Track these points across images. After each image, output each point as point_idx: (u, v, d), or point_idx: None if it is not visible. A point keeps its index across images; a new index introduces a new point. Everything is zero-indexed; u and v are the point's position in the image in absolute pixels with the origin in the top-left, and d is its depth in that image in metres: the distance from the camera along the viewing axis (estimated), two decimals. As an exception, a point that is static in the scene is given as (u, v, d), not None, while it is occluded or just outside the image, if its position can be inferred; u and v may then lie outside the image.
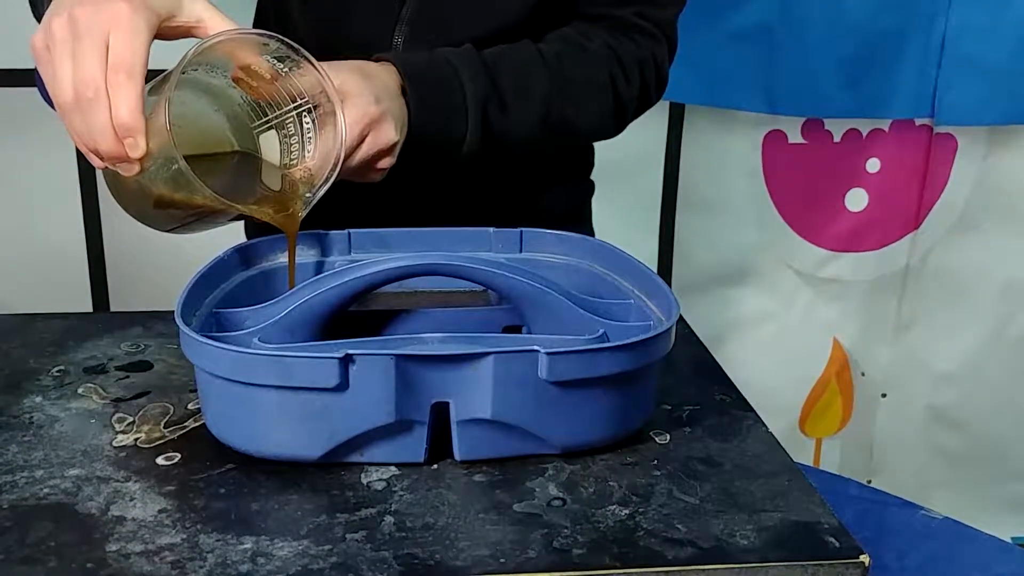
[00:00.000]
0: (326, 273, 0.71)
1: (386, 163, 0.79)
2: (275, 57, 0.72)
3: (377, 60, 0.82)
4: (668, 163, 1.75)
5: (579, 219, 1.08)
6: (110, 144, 0.65)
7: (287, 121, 0.74)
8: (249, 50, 0.71)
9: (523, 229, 0.81)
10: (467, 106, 0.84)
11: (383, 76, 0.80)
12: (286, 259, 0.78)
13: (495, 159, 0.89)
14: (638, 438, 0.67)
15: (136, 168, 0.67)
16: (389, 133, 0.77)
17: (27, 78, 1.62)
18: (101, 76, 0.64)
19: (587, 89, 0.91)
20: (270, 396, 0.60)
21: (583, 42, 0.91)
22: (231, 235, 0.89)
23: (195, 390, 0.70)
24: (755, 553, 0.56)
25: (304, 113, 0.74)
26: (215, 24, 0.69)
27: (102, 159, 0.67)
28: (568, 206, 1.05)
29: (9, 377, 0.75)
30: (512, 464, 0.63)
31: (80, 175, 1.68)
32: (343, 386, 0.59)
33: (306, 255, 0.78)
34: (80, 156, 1.65)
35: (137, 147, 0.65)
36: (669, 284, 0.72)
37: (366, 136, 0.76)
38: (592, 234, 1.06)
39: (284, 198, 0.74)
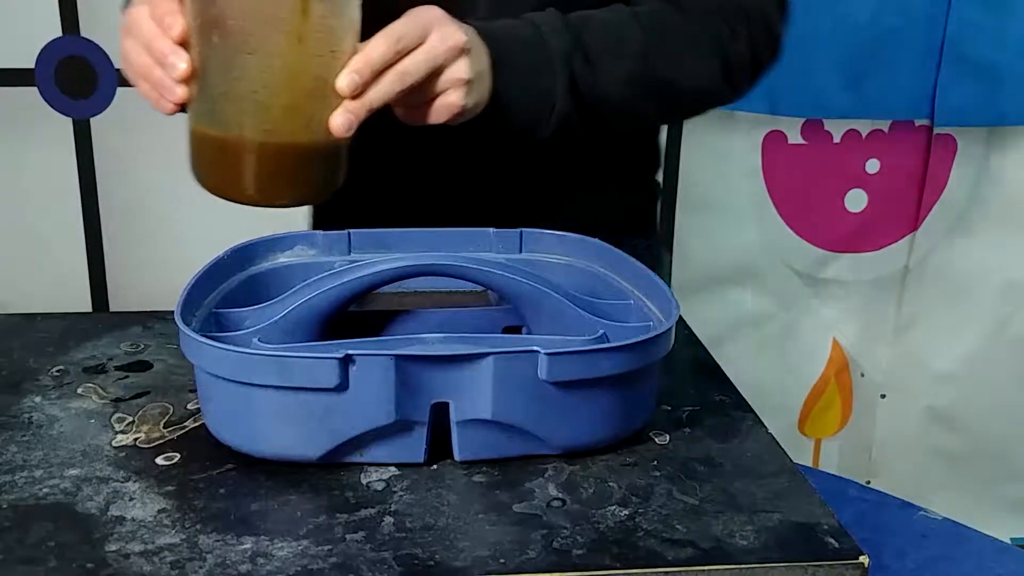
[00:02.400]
0: (326, 273, 0.71)
1: (463, 71, 0.71)
2: None
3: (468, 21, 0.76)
4: (668, 163, 1.75)
5: (643, 225, 1.01)
6: (154, 37, 0.68)
7: None
8: None
9: (523, 229, 0.81)
10: (552, 60, 0.78)
11: (462, 23, 0.74)
12: (286, 259, 0.78)
13: (592, 126, 0.82)
14: (638, 439, 0.67)
15: (180, 57, 0.67)
16: (456, 35, 0.70)
17: (27, 78, 1.62)
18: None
19: (687, 43, 0.84)
20: (270, 396, 0.60)
21: None
22: (231, 235, 0.88)
23: (195, 390, 0.70)
24: (755, 554, 0.56)
25: None
26: None
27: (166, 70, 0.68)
28: (631, 210, 1.00)
29: (9, 377, 0.75)
30: (512, 465, 0.63)
31: (79, 175, 1.68)
32: (343, 386, 0.59)
33: (306, 255, 0.78)
34: (80, 156, 1.65)
35: (175, 25, 0.67)
36: (668, 284, 0.72)
37: (429, 33, 0.69)
38: (659, 244, 1.01)
39: None
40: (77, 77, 1.62)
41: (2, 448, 0.65)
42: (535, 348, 0.60)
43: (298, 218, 1.67)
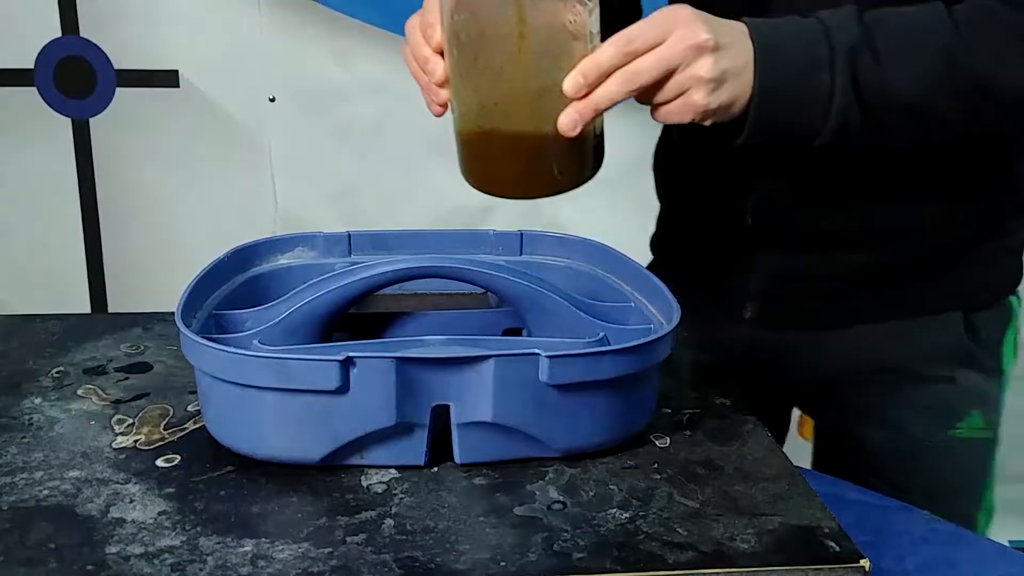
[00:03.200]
0: (326, 275, 0.71)
1: (705, 71, 0.69)
2: None
3: (744, 20, 0.74)
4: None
5: (990, 233, 0.92)
6: (418, 45, 0.75)
7: None
8: None
9: (523, 231, 0.81)
10: (834, 54, 0.72)
11: (728, 21, 0.72)
12: (286, 261, 0.78)
13: (884, 131, 0.76)
14: (638, 441, 0.67)
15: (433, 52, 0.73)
16: (697, 34, 0.68)
17: (26, 78, 1.62)
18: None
19: (1012, 36, 0.74)
20: (270, 398, 0.60)
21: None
22: (231, 236, 0.88)
23: (195, 392, 0.70)
24: (755, 557, 0.56)
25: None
26: None
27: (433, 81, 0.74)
28: (975, 217, 0.90)
29: (8, 378, 0.75)
30: (512, 467, 0.63)
31: (78, 175, 1.68)
32: (344, 388, 0.59)
33: (306, 256, 0.78)
34: (79, 156, 1.65)
35: (434, 35, 0.73)
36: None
37: (670, 34, 0.68)
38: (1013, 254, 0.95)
39: None
40: (76, 77, 1.63)
41: (2, 450, 0.65)
42: (536, 351, 0.60)
43: (296, 220, 1.67)
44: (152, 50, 1.62)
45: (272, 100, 1.67)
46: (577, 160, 0.73)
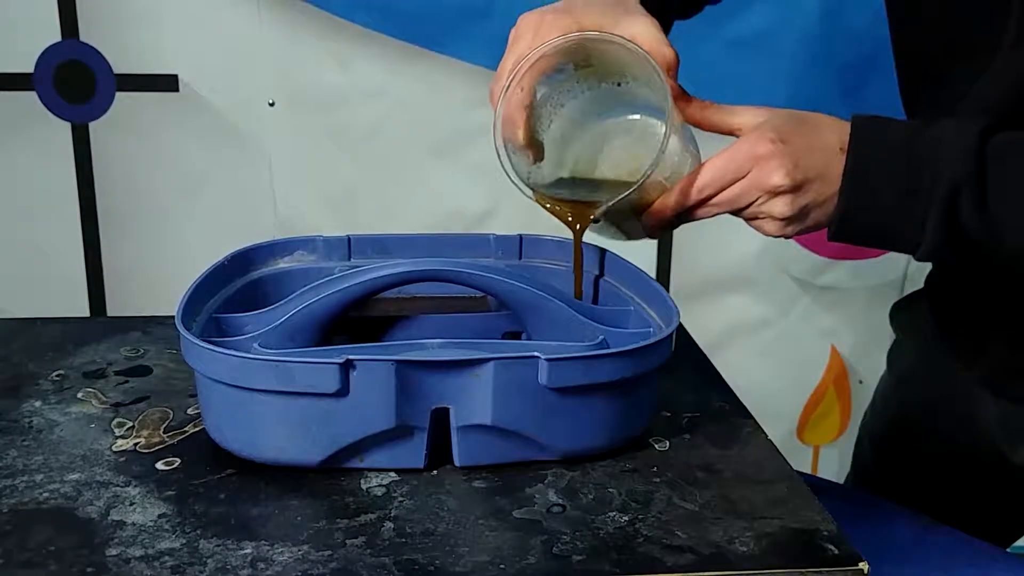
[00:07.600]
0: (326, 278, 0.71)
1: (778, 211, 0.68)
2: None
3: (855, 120, 0.69)
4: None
5: None
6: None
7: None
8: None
9: (523, 234, 0.81)
10: (934, 184, 0.66)
11: (825, 130, 0.69)
12: (286, 264, 0.78)
13: (990, 265, 0.73)
14: (638, 445, 0.67)
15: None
16: (772, 178, 0.67)
17: (26, 82, 1.62)
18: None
19: None
20: (270, 401, 0.60)
21: None
22: (230, 241, 0.89)
23: (195, 395, 0.70)
24: (754, 560, 0.56)
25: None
26: (645, 42, 0.71)
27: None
28: None
29: (8, 381, 0.75)
30: (512, 470, 0.63)
31: (78, 179, 1.68)
32: (343, 391, 0.59)
33: (306, 260, 0.78)
34: (78, 160, 1.65)
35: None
36: (667, 290, 0.72)
37: (746, 173, 0.68)
38: None
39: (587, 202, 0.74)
40: (76, 82, 1.63)
41: (2, 452, 0.65)
42: (535, 354, 0.60)
43: (295, 224, 1.67)
44: (152, 54, 1.62)
45: (271, 104, 1.67)
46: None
